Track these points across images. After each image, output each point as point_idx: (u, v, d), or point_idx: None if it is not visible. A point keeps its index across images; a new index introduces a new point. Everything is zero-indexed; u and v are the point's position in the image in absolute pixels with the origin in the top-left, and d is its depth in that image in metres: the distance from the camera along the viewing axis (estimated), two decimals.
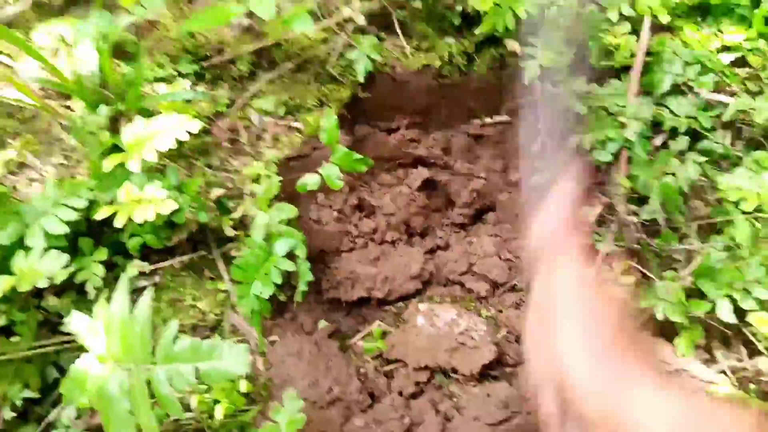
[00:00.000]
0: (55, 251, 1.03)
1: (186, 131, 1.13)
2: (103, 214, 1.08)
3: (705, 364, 1.13)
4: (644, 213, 1.19)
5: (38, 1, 1.51)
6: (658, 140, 1.26)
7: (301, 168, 1.34)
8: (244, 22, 1.46)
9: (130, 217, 1.06)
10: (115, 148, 1.18)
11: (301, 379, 1.07)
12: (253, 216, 1.18)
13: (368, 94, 1.43)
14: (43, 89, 1.37)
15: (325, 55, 1.42)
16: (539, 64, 1.28)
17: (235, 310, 1.18)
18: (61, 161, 1.32)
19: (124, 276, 0.90)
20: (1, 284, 0.99)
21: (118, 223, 1.06)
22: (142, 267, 1.17)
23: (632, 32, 1.33)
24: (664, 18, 1.31)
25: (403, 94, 1.46)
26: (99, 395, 0.85)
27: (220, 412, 1.01)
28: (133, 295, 0.92)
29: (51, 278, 1.00)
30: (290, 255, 1.12)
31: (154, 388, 0.82)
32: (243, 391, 1.07)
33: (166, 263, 1.20)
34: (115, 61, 1.39)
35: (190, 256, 1.21)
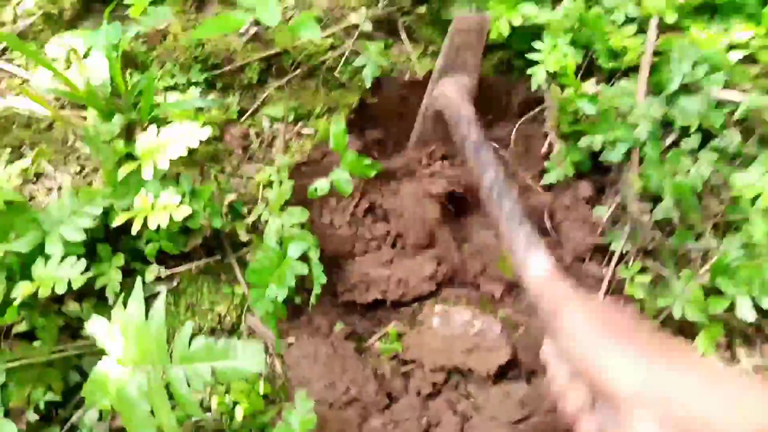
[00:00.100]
0: (73, 258, 1.04)
1: (197, 139, 1.15)
2: (120, 221, 1.09)
3: (727, 364, 1.12)
4: (658, 212, 1.18)
5: (49, 13, 1.53)
6: (670, 139, 1.26)
7: (312, 173, 1.34)
8: (252, 31, 1.47)
9: (146, 224, 1.07)
10: (129, 157, 1.19)
11: (318, 381, 1.08)
12: (266, 220, 1.19)
13: (376, 100, 1.44)
14: (57, 99, 1.39)
15: (333, 61, 1.43)
16: (546, 70, 1.29)
17: (252, 314, 1.19)
18: (77, 170, 1.33)
19: (139, 280, 0.90)
20: (22, 290, 1.00)
21: (134, 230, 1.07)
22: (159, 272, 1.18)
23: (638, 33, 1.33)
24: (671, 17, 1.31)
25: (410, 99, 1.47)
26: (119, 397, 0.86)
27: (239, 413, 1.01)
28: (151, 300, 0.93)
29: (69, 284, 1.00)
30: (304, 258, 1.13)
31: (173, 389, 0.83)
32: (261, 393, 1.07)
33: (183, 268, 1.21)
34: (127, 70, 1.41)
35: (206, 261, 1.22)
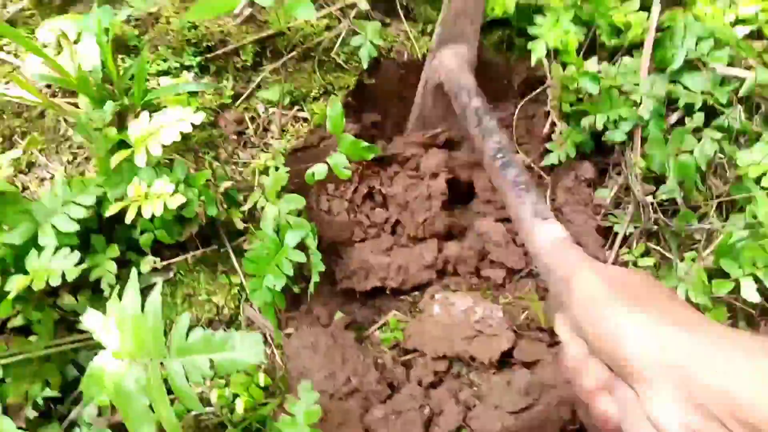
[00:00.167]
0: (67, 249, 1.02)
1: (191, 124, 1.12)
2: (113, 210, 1.07)
3: None
4: (661, 193, 1.16)
5: None
6: (673, 118, 1.24)
7: (308, 158, 1.32)
8: (246, 12, 1.44)
9: (140, 213, 1.05)
10: (122, 144, 1.17)
11: (318, 371, 1.06)
12: (263, 207, 1.17)
13: (374, 81, 1.41)
14: (49, 86, 1.36)
15: (329, 42, 1.40)
16: (546, 46, 1.26)
17: (250, 304, 1.17)
18: (69, 159, 1.31)
19: (135, 272, 0.88)
20: (16, 283, 0.98)
21: (128, 219, 1.05)
22: (155, 263, 1.16)
23: (642, 9, 1.30)
24: None
25: (409, 80, 1.44)
26: (117, 392, 0.84)
27: (240, 406, 1.00)
28: (147, 291, 0.91)
29: (64, 276, 0.99)
30: (301, 246, 1.11)
31: (171, 382, 0.82)
32: (261, 385, 1.06)
33: (179, 258, 1.19)
34: (119, 55, 1.38)
35: (203, 251, 1.20)
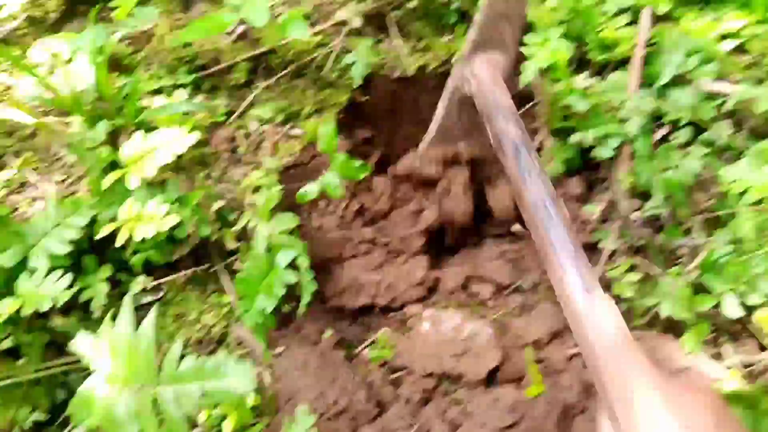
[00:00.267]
0: (59, 272, 1.03)
1: (184, 145, 1.13)
2: (105, 232, 1.08)
3: (713, 360, 1.11)
4: (648, 208, 1.17)
5: (33, 17, 1.51)
6: (660, 133, 1.25)
7: (301, 175, 1.33)
8: (239, 29, 1.45)
9: (132, 234, 1.07)
10: (115, 164, 1.18)
11: (308, 391, 1.07)
12: (255, 227, 1.18)
13: (366, 97, 1.42)
14: (41, 105, 1.37)
15: (322, 59, 1.41)
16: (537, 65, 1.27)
17: (240, 324, 1.18)
18: (62, 178, 1.32)
19: (129, 296, 0.90)
20: (6, 307, 0.99)
21: (120, 241, 1.06)
22: (146, 283, 1.17)
23: (631, 24, 1.31)
24: (664, 7, 1.29)
25: (401, 96, 1.45)
26: (107, 417, 0.85)
27: (228, 427, 1.01)
28: (138, 311, 0.92)
29: (55, 300, 1.00)
30: (293, 266, 1.12)
31: (162, 410, 0.83)
32: (250, 405, 1.07)
33: (170, 278, 1.20)
34: (112, 74, 1.39)
35: (194, 270, 1.21)
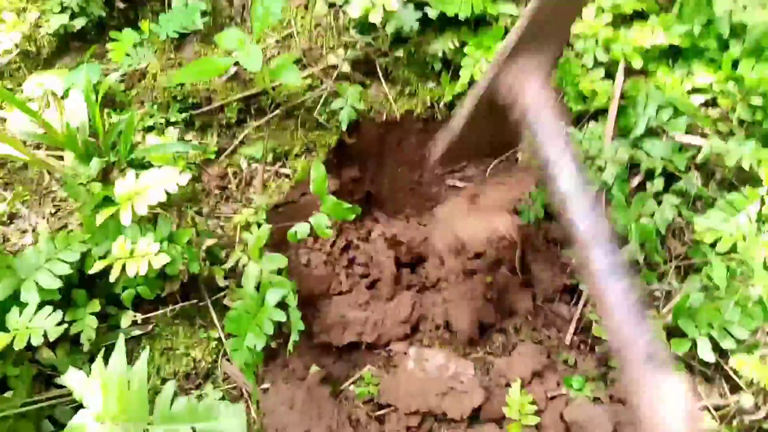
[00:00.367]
0: (49, 307, 1.04)
1: (176, 184, 1.16)
2: (97, 267, 1.09)
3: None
4: (624, 254, 1.22)
5: (27, 51, 1.53)
6: (635, 181, 1.31)
7: (289, 213, 1.36)
8: (232, 70, 1.49)
9: (124, 269, 1.08)
10: (107, 200, 1.20)
11: (295, 428, 1.09)
12: (245, 265, 1.20)
13: (354, 140, 1.46)
14: (34, 139, 1.39)
15: (312, 102, 1.45)
16: None
17: (227, 358, 1.20)
18: (52, 211, 1.33)
19: (122, 335, 0.91)
20: None
21: (113, 277, 1.08)
22: (135, 317, 1.19)
23: (606, 77, 1.38)
24: (638, 62, 1.36)
25: (387, 139, 1.49)
26: None
27: None
28: (126, 344, 0.94)
29: (46, 335, 1.01)
30: (281, 303, 1.14)
31: None
32: None
33: (159, 312, 1.21)
34: (105, 109, 1.41)
35: (182, 305, 1.23)
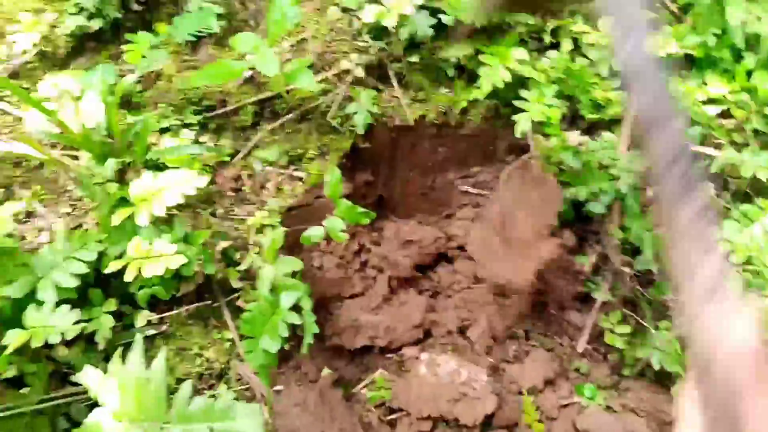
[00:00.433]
0: (66, 306, 1.05)
1: (194, 186, 1.17)
2: (113, 267, 1.10)
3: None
4: (638, 263, 1.23)
5: (43, 51, 1.54)
6: (650, 192, 1.31)
7: (303, 216, 1.37)
8: (247, 73, 1.50)
9: (141, 271, 1.09)
10: (123, 200, 1.21)
11: (307, 430, 1.09)
12: (259, 267, 1.21)
13: (367, 144, 1.47)
14: (49, 139, 1.40)
15: (325, 106, 1.46)
16: (531, 119, 1.33)
17: (241, 359, 1.20)
18: (68, 210, 1.34)
19: (139, 335, 0.92)
20: (14, 339, 1.00)
21: (128, 277, 1.08)
22: (150, 317, 1.20)
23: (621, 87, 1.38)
24: None
25: (400, 143, 1.50)
26: None
27: None
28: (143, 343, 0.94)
29: (63, 334, 1.01)
30: (295, 306, 1.15)
31: None
32: None
33: (173, 312, 1.22)
34: (120, 110, 1.42)
35: (196, 305, 1.23)
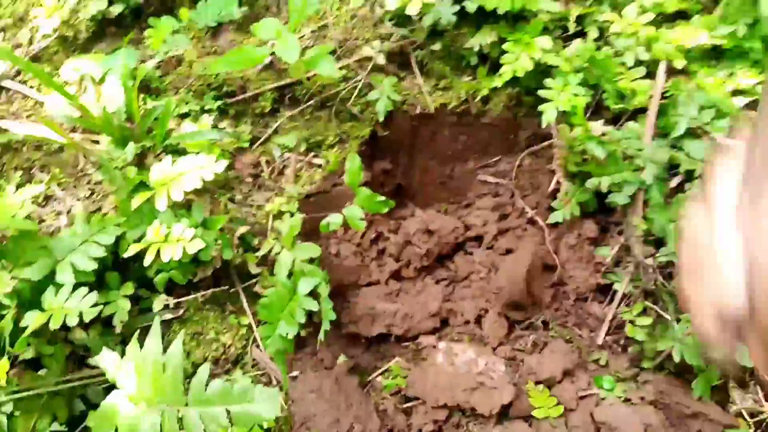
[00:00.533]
0: (84, 289, 1.06)
1: (212, 171, 1.16)
2: (132, 251, 1.10)
3: (721, 405, 1.14)
4: (661, 255, 1.20)
5: (64, 36, 1.55)
6: (674, 182, 1.28)
7: (321, 203, 1.36)
8: (267, 60, 1.49)
9: (158, 254, 1.09)
10: (142, 185, 1.21)
11: (323, 417, 1.09)
12: (277, 253, 1.20)
13: (387, 132, 1.46)
14: (70, 123, 1.41)
15: (346, 93, 1.45)
16: (556, 108, 1.30)
17: (257, 345, 1.20)
18: (87, 194, 1.35)
19: (157, 318, 0.92)
20: (33, 321, 1.01)
21: (147, 261, 1.08)
22: (167, 301, 1.20)
23: (647, 76, 1.35)
24: (680, 62, 1.34)
25: (421, 132, 1.49)
26: None
27: None
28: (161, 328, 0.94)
29: (81, 316, 1.02)
30: (313, 293, 1.14)
31: (186, 430, 0.84)
32: (264, 427, 1.08)
33: (190, 297, 1.22)
34: (140, 96, 1.42)
35: (213, 291, 1.23)
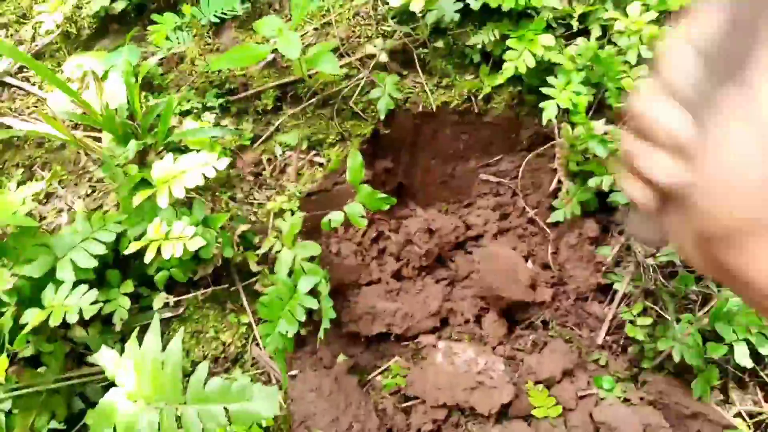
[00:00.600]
0: (84, 286, 1.06)
1: (214, 168, 1.16)
2: (132, 248, 1.10)
3: (720, 406, 1.13)
4: (661, 255, 1.20)
5: (67, 32, 1.55)
6: None
7: (322, 202, 1.36)
8: (269, 57, 1.49)
9: (159, 252, 1.09)
10: (143, 182, 1.21)
11: (322, 416, 1.09)
12: (278, 251, 1.20)
13: (389, 130, 1.46)
14: (72, 119, 1.41)
15: (348, 91, 1.45)
16: (558, 105, 1.30)
17: (257, 344, 1.20)
18: (88, 192, 1.35)
19: (156, 316, 0.92)
20: (33, 318, 1.01)
21: (147, 259, 1.08)
22: (167, 299, 1.20)
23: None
24: None
25: (422, 130, 1.48)
26: (128, 431, 0.87)
27: None
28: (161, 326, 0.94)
29: (81, 313, 1.02)
30: (313, 291, 1.14)
31: (185, 428, 0.84)
32: (263, 425, 1.08)
33: (190, 295, 1.22)
34: (142, 93, 1.42)
35: (213, 289, 1.23)
